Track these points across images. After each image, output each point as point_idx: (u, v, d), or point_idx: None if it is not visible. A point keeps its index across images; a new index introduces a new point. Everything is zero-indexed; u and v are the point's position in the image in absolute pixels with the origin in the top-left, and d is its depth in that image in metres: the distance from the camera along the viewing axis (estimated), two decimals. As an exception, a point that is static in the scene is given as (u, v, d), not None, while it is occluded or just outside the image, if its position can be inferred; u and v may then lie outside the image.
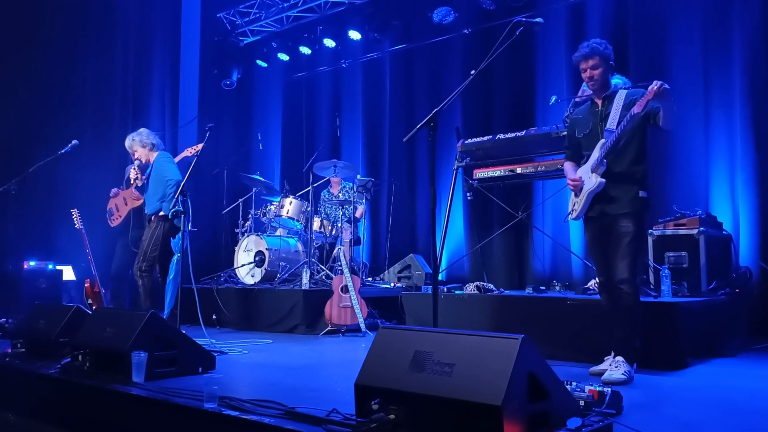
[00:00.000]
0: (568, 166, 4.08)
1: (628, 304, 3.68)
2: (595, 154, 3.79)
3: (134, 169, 5.66)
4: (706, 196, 6.03)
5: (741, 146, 5.86)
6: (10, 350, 4.40)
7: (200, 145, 5.87)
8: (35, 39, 7.95)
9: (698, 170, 6.12)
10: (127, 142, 5.68)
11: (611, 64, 3.86)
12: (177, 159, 6.47)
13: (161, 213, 5.43)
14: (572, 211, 3.95)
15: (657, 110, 3.64)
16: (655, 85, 3.48)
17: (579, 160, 4.01)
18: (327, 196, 7.79)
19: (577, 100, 4.65)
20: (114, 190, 6.23)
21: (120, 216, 6.20)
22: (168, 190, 5.42)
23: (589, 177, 3.81)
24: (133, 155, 5.67)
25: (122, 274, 6.30)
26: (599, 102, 3.91)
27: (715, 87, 6.10)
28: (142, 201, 6.03)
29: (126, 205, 6.15)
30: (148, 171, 5.55)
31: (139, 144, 5.63)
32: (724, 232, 5.43)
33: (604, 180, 3.74)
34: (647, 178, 3.80)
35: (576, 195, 3.91)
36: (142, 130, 5.72)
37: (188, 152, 6.28)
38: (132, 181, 5.64)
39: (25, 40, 7.86)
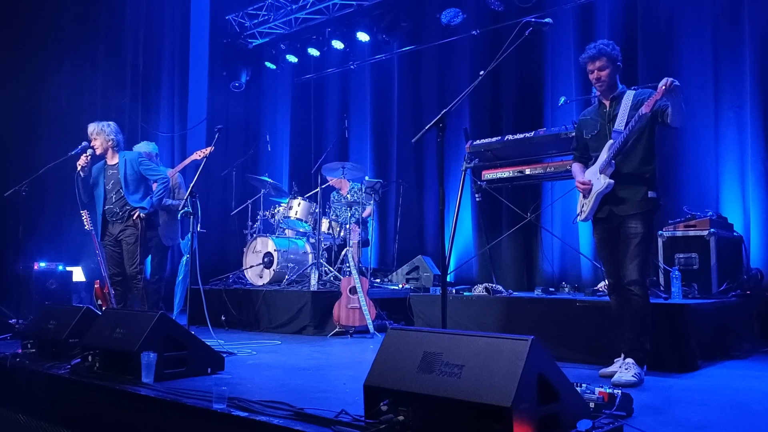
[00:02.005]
0: (576, 167, 4.07)
1: (638, 306, 3.66)
2: (603, 155, 3.79)
3: (86, 156, 5.43)
4: (717, 198, 5.99)
5: (751, 147, 5.82)
6: (20, 350, 4.42)
7: (209, 149, 5.88)
8: (46, 43, 8.00)
9: (708, 171, 6.08)
10: (93, 128, 5.50)
11: (619, 65, 3.85)
12: (186, 162, 6.48)
13: (143, 212, 5.39)
14: (581, 212, 3.94)
15: (665, 108, 3.63)
16: (665, 81, 3.47)
17: (587, 162, 4.01)
18: (337, 197, 7.79)
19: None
20: None
21: None
22: (159, 186, 5.48)
23: (597, 178, 3.80)
24: (91, 142, 5.50)
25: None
26: (607, 103, 3.90)
27: (725, 87, 6.06)
28: None
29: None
30: (123, 170, 5.42)
31: (104, 135, 5.45)
32: (734, 234, 5.39)
33: (612, 181, 3.72)
34: (656, 179, 3.79)
35: (585, 197, 3.90)
36: (111, 123, 5.59)
37: (197, 155, 6.30)
38: (78, 168, 5.40)
39: (36, 44, 7.92)
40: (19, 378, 3.97)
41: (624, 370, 3.58)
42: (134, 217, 5.38)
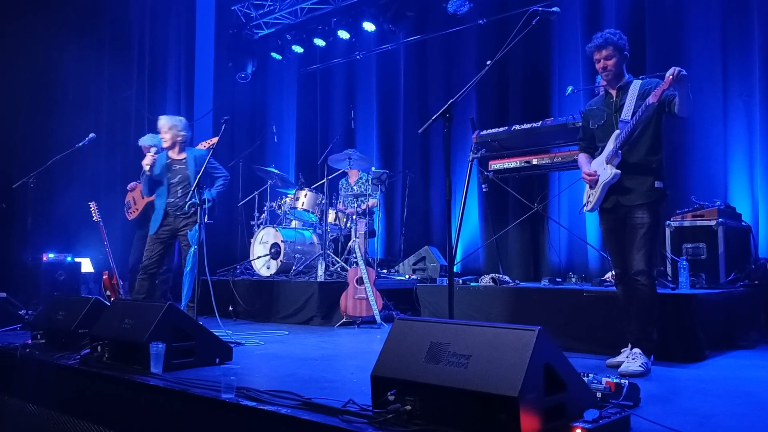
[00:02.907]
0: (582, 158, 4.06)
1: (645, 296, 3.66)
2: (610, 146, 3.77)
3: (152, 155, 5.37)
4: (725, 187, 5.96)
5: (760, 136, 5.78)
6: (30, 341, 4.46)
7: (215, 139, 5.89)
8: (52, 35, 8.01)
9: (717, 161, 6.05)
10: (164, 122, 5.45)
11: (625, 54, 3.83)
12: None
13: (207, 205, 5.40)
14: (587, 203, 3.93)
15: (672, 97, 3.61)
16: (673, 71, 3.45)
17: (593, 152, 3.99)
18: (345, 184, 7.80)
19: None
20: (132, 184, 6.27)
21: (137, 209, 6.23)
22: (221, 181, 5.54)
23: (604, 168, 3.79)
24: (160, 134, 5.45)
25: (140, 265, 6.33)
26: (613, 93, 3.88)
27: (733, 75, 6.02)
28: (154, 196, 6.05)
29: (143, 198, 6.17)
30: (193, 167, 5.39)
31: (176, 130, 5.40)
32: (743, 224, 5.37)
33: (619, 171, 3.71)
34: (663, 169, 3.77)
35: (591, 187, 3.88)
36: (182, 118, 5.55)
37: (203, 146, 6.31)
38: (148, 168, 5.36)
39: (43, 37, 7.93)
40: (29, 368, 4.01)
41: (631, 360, 3.58)
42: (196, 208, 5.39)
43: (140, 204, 6.19)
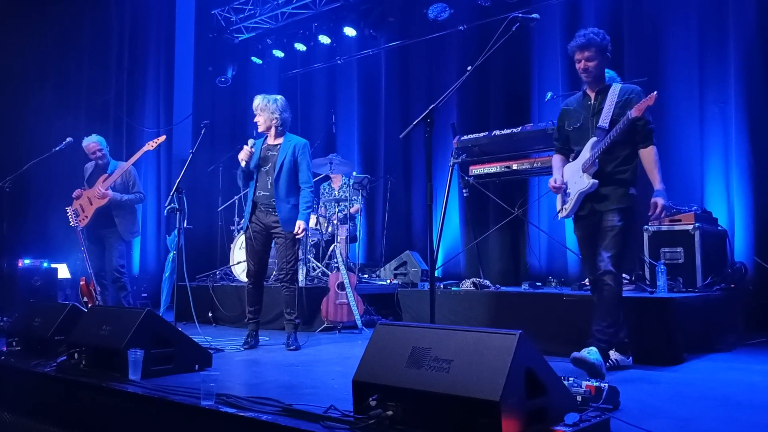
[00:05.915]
0: (556, 160, 4.05)
1: (610, 297, 3.60)
2: (587, 154, 3.76)
3: (249, 148, 4.79)
4: (702, 192, 6.05)
5: (736, 142, 5.87)
6: (5, 349, 4.38)
7: (161, 138, 5.76)
8: (29, 37, 7.92)
9: (693, 166, 6.13)
10: (257, 102, 4.92)
11: (608, 55, 3.80)
12: (139, 154, 6.11)
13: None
14: (562, 209, 3.93)
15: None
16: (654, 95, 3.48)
17: (568, 154, 4.00)
18: (327, 189, 7.78)
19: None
20: (77, 191, 6.08)
21: (86, 216, 5.97)
22: (306, 191, 4.83)
23: (580, 176, 3.77)
24: (255, 117, 4.96)
25: (102, 272, 6.15)
26: (592, 95, 3.86)
27: (710, 82, 6.11)
28: (106, 200, 5.83)
29: (91, 204, 5.96)
30: (283, 155, 4.81)
31: (268, 112, 4.89)
32: (719, 228, 5.45)
33: (597, 181, 3.71)
34: (637, 176, 3.80)
35: (562, 196, 3.91)
36: (279, 98, 4.97)
37: (150, 146, 6.07)
38: (242, 164, 4.80)
39: (20, 39, 7.83)
40: (4, 376, 3.94)
41: (585, 353, 3.47)
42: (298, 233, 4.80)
43: (89, 211, 5.97)
